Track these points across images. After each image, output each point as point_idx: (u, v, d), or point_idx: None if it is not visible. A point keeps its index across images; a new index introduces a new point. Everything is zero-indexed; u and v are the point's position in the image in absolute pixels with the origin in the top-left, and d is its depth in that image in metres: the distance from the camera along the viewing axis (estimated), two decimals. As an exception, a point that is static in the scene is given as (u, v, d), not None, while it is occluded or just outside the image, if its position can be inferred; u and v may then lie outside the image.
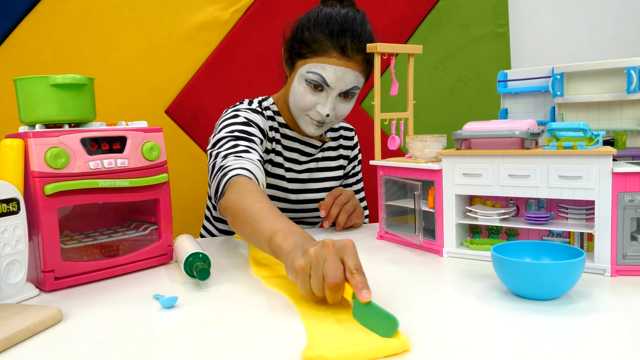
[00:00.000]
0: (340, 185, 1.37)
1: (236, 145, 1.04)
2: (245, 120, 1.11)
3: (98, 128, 0.83)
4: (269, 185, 1.23)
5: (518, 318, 0.62)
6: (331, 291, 0.63)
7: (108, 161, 0.81)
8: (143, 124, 0.88)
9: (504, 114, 1.20)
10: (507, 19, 2.02)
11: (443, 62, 1.99)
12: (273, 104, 1.24)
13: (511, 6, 2.04)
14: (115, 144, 0.83)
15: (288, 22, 1.18)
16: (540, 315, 0.62)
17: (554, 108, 1.11)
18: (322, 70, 1.09)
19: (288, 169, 1.24)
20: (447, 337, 0.57)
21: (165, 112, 1.69)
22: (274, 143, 1.21)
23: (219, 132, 1.09)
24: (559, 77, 1.07)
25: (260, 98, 1.24)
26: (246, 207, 0.85)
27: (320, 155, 1.30)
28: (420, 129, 1.18)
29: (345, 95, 1.13)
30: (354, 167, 1.39)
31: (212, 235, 1.34)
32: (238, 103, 1.21)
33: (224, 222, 1.29)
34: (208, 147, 1.09)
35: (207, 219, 1.36)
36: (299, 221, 1.30)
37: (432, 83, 1.98)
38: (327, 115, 1.11)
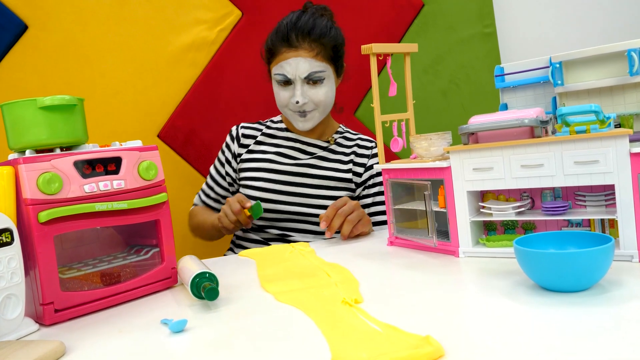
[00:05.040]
0: (357, 196, 1.37)
1: (202, 190, 1.49)
2: (217, 159, 1.47)
3: (91, 150, 0.80)
4: (256, 179, 1.35)
5: (550, 312, 0.58)
6: (235, 215, 1.17)
7: (104, 183, 0.78)
8: (137, 143, 0.85)
9: (504, 109, 1.18)
10: (493, 18, 2.02)
11: (433, 65, 1.98)
12: (278, 117, 1.46)
13: (496, 5, 2.04)
14: (110, 165, 0.79)
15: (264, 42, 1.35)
16: (574, 307, 0.59)
17: (554, 98, 1.09)
18: (281, 68, 1.26)
19: (281, 163, 1.35)
20: (480, 339, 0.54)
21: (158, 136, 1.65)
22: (243, 148, 1.41)
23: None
24: (557, 65, 1.05)
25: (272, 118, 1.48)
26: (197, 222, 1.42)
27: (325, 154, 1.36)
28: (416, 133, 1.17)
29: (313, 81, 1.26)
30: (371, 177, 1.36)
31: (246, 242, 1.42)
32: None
33: (253, 239, 1.39)
34: None
35: (237, 237, 1.45)
36: (304, 221, 1.32)
37: (424, 87, 1.97)
38: (297, 102, 1.25)
